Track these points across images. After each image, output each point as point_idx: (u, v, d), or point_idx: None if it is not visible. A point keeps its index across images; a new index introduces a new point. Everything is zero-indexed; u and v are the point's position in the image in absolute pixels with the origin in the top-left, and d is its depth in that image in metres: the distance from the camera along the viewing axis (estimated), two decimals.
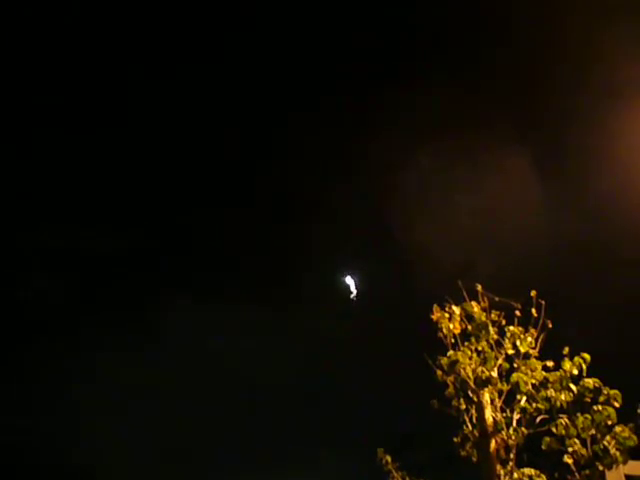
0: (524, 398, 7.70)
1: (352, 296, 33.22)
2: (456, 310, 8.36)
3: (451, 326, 8.31)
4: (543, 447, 7.49)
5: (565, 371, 7.56)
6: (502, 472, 7.61)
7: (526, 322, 8.13)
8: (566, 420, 7.36)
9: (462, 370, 8.00)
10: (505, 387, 7.90)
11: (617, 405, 7.28)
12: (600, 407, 7.25)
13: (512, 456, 7.67)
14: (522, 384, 7.63)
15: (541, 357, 7.94)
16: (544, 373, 7.68)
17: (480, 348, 8.07)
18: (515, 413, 7.77)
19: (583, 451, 7.25)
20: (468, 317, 8.36)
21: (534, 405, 7.63)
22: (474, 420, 8.07)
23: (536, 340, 7.98)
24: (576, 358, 7.60)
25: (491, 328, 8.13)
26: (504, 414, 7.87)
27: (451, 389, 8.22)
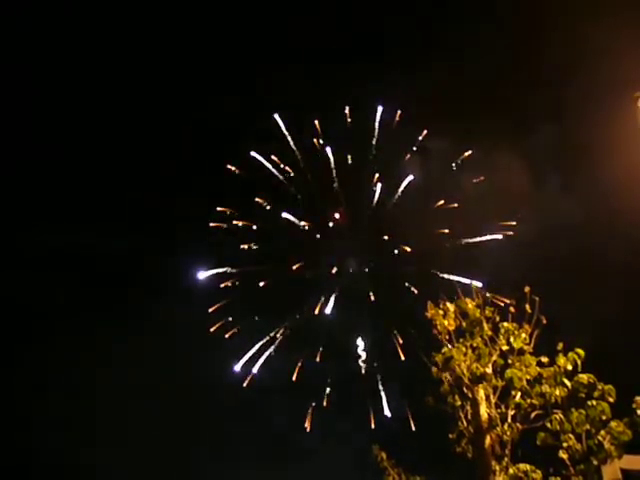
0: (518, 394, 7.71)
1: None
2: (450, 307, 8.36)
3: (446, 323, 8.31)
4: (538, 443, 7.50)
5: (559, 367, 7.56)
6: (497, 468, 7.62)
7: (521, 318, 8.13)
8: (561, 415, 7.36)
9: (457, 367, 8.00)
10: (500, 383, 7.91)
11: (611, 400, 7.29)
12: (594, 402, 7.27)
13: (507, 452, 7.68)
14: (516, 380, 7.64)
15: (535, 353, 7.93)
16: (538, 369, 7.68)
17: (475, 345, 8.07)
18: (510, 409, 7.78)
19: (578, 446, 7.25)
20: (463, 314, 8.36)
21: (529, 401, 7.63)
22: (469, 416, 8.07)
23: (530, 336, 7.97)
24: (570, 354, 7.60)
25: (485, 324, 8.12)
26: (499, 410, 7.88)
27: (446, 386, 8.22)
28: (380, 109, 31.58)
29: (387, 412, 32.35)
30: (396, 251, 31.70)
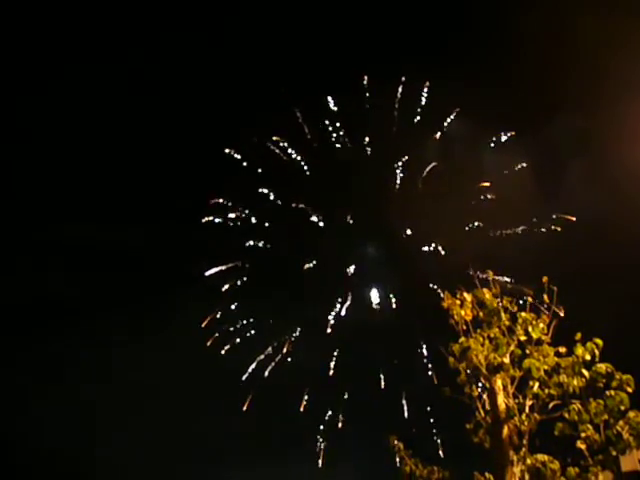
0: (536, 384, 7.67)
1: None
2: (467, 297, 8.33)
3: (463, 313, 8.29)
4: (556, 433, 7.49)
5: (577, 357, 7.53)
6: (515, 458, 7.61)
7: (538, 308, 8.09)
8: (579, 406, 7.33)
9: (474, 357, 7.98)
10: (517, 373, 7.88)
11: (630, 390, 7.25)
12: (613, 392, 7.23)
13: (525, 442, 7.66)
14: (534, 370, 7.60)
15: (553, 343, 7.90)
16: (556, 359, 7.65)
17: (492, 335, 8.05)
18: (527, 399, 7.76)
19: (596, 436, 7.23)
20: (480, 304, 8.33)
21: (546, 391, 7.60)
22: (486, 407, 8.07)
23: (548, 326, 7.94)
24: (588, 344, 7.56)
25: (503, 314, 8.10)
26: (516, 400, 7.86)
27: (463, 376, 8.21)
28: (401, 86, 28.21)
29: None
30: (425, 248, 28.39)
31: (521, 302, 8.20)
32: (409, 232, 28.43)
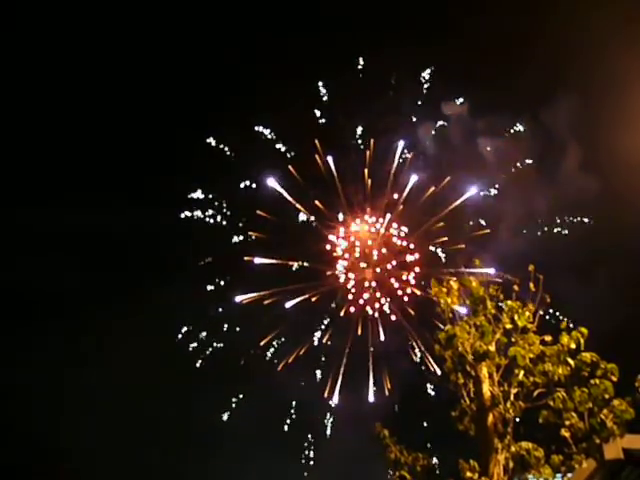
0: (522, 372, 7.69)
1: None
2: (454, 285, 8.32)
3: (449, 301, 8.28)
4: (540, 421, 7.51)
5: (563, 345, 7.55)
6: (499, 446, 7.63)
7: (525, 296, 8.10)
8: (563, 394, 7.36)
9: (460, 344, 7.99)
10: (503, 361, 7.90)
11: (614, 379, 7.28)
12: (597, 381, 7.26)
13: (509, 430, 7.68)
14: (520, 358, 7.62)
15: (539, 331, 7.91)
16: (542, 347, 7.67)
17: (478, 323, 8.05)
18: (513, 387, 7.77)
19: (580, 424, 7.26)
20: (467, 292, 8.33)
21: (531, 379, 7.63)
22: (472, 394, 8.08)
23: (534, 314, 7.94)
24: (574, 332, 7.58)
25: (489, 302, 8.10)
26: (502, 388, 7.87)
27: (449, 363, 8.22)
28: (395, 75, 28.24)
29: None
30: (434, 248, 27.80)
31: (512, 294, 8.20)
32: (405, 230, 27.53)
